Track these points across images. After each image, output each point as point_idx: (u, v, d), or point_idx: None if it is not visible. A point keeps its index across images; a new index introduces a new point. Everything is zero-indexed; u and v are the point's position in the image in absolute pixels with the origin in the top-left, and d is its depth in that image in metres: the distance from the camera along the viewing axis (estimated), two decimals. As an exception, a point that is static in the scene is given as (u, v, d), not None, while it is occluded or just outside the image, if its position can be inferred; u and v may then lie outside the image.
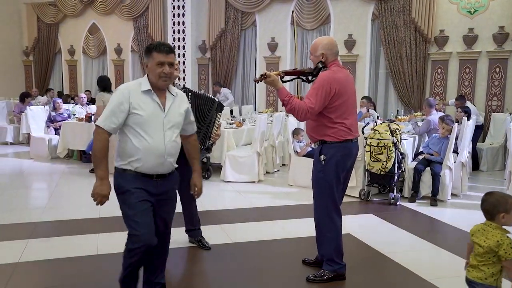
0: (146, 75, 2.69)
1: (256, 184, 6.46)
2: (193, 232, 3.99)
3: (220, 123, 4.04)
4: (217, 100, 3.92)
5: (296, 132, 6.54)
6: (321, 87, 3.09)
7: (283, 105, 3.20)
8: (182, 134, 2.83)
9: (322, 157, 3.21)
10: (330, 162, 3.19)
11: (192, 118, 2.89)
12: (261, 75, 3.18)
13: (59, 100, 9.00)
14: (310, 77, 3.32)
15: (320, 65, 3.23)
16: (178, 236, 3.91)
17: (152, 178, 2.67)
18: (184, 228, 4.00)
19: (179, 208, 3.87)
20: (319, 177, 3.26)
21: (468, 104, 7.82)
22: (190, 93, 3.68)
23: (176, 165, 2.80)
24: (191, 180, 2.96)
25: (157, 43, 2.68)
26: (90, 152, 7.60)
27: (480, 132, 7.93)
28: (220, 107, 3.92)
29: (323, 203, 3.27)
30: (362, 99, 8.10)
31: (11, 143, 9.88)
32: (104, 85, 6.90)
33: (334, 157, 3.19)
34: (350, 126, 3.22)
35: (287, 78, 3.30)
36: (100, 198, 2.72)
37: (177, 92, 2.77)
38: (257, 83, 3.21)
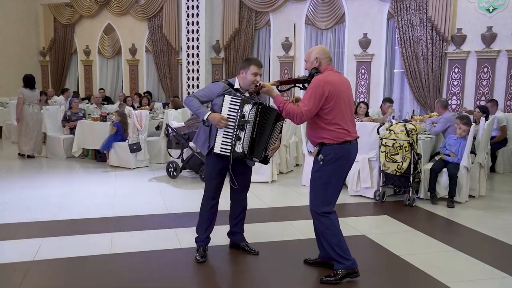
0: None
1: (270, 185, 6.42)
2: (239, 235, 3.93)
3: (280, 134, 3.70)
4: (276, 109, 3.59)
5: None
6: (314, 90, 3.19)
7: (279, 111, 3.33)
8: None
9: (320, 156, 3.28)
10: (328, 163, 3.26)
11: None
12: (256, 86, 3.40)
13: (76, 100, 9.10)
14: (306, 84, 3.39)
15: (313, 71, 3.33)
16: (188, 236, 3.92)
17: None
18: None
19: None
20: (316, 176, 3.34)
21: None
22: (260, 106, 3.45)
23: None
24: None
25: None
26: (105, 152, 7.71)
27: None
28: (278, 116, 3.56)
29: (317, 201, 3.33)
30: (385, 102, 7.84)
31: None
32: (27, 82, 8.09)
33: (332, 159, 3.25)
34: (347, 128, 3.27)
35: (283, 87, 3.48)
36: None
37: None
38: (254, 93, 3.46)
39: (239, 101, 3.45)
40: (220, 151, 3.47)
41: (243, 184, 3.79)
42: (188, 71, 11.33)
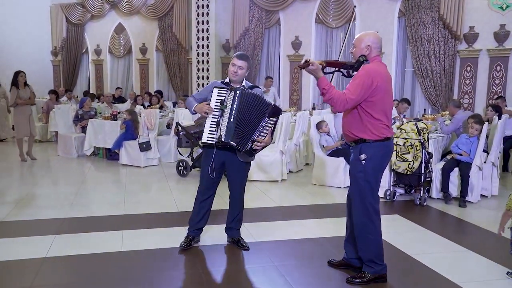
0: None
1: (280, 183, 6.42)
2: (234, 231, 3.97)
3: (270, 131, 3.65)
4: (272, 103, 3.58)
5: (319, 126, 6.45)
6: (364, 79, 3.01)
7: (321, 94, 3.05)
8: None
9: (362, 156, 3.10)
10: (371, 162, 3.11)
11: None
12: (305, 61, 2.99)
13: (88, 99, 9.17)
14: (351, 71, 3.20)
15: (362, 59, 3.13)
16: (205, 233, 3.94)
17: None
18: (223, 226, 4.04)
19: (223, 205, 3.91)
20: (360, 177, 3.15)
21: None
22: (238, 92, 3.50)
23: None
24: None
25: None
26: (116, 150, 7.76)
27: None
28: (274, 113, 3.58)
29: (364, 204, 3.17)
30: (403, 103, 7.73)
31: (40, 141, 10.12)
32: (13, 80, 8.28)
33: (375, 156, 3.11)
34: (387, 123, 3.15)
35: (328, 69, 3.19)
36: None
37: None
38: (301, 69, 3.07)
39: (226, 91, 3.55)
40: (207, 140, 3.57)
41: (239, 181, 3.83)
42: (198, 70, 11.36)
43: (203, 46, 11.26)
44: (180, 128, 6.77)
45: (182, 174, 6.78)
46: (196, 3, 11.15)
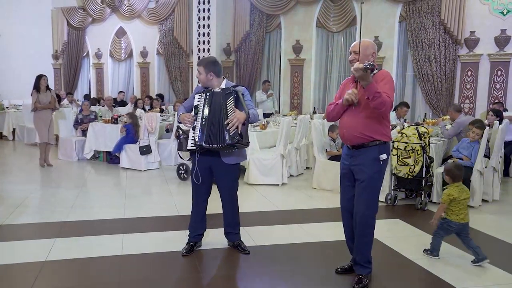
0: None
1: (280, 187, 6.41)
2: (233, 235, 3.97)
3: (233, 109, 3.48)
4: (219, 90, 3.56)
5: (331, 129, 6.46)
6: (391, 83, 3.11)
7: (373, 98, 2.92)
8: None
9: (384, 156, 3.16)
10: (385, 162, 3.21)
11: None
12: (372, 64, 2.88)
13: (86, 102, 9.18)
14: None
15: (370, 66, 3.05)
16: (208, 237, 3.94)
17: None
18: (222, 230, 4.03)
19: (218, 209, 3.90)
20: (375, 178, 3.17)
21: None
22: (208, 93, 3.56)
23: None
24: None
25: None
26: (116, 154, 7.75)
27: None
28: (225, 95, 3.50)
29: (372, 203, 3.21)
30: (402, 107, 7.70)
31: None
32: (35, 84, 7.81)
33: (387, 156, 3.23)
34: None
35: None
36: None
37: None
38: (366, 70, 2.87)
39: (202, 95, 3.60)
40: (191, 146, 3.63)
41: (227, 185, 3.81)
42: (199, 74, 11.36)
43: (204, 50, 11.28)
44: (180, 132, 6.75)
45: (182, 177, 6.77)
46: (197, 7, 11.18)
